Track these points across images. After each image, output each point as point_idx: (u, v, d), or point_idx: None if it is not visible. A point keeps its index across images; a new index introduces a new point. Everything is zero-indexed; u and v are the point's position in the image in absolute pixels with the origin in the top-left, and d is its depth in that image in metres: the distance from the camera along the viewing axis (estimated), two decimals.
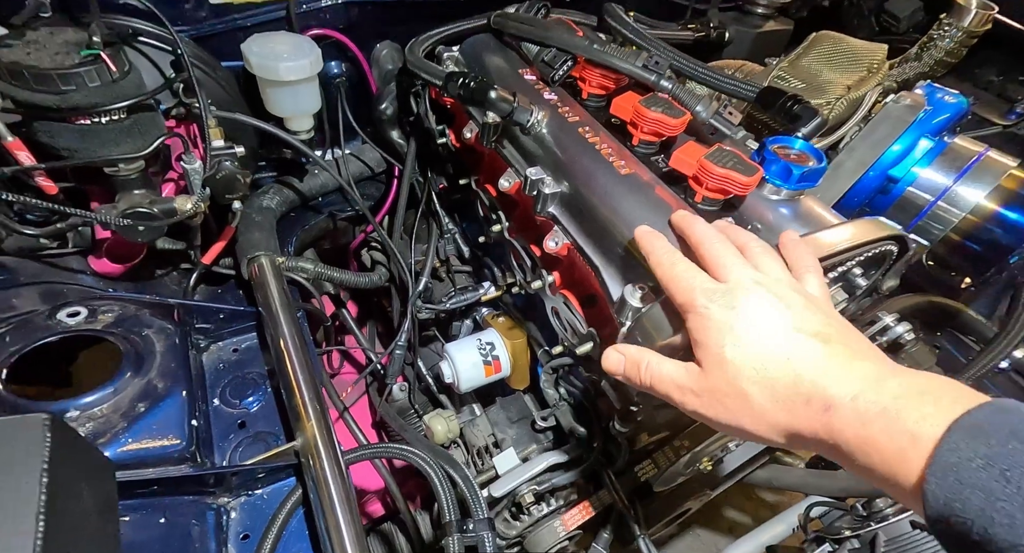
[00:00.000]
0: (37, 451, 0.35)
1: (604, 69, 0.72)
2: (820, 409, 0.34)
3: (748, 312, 0.38)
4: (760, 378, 0.36)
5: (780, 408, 0.35)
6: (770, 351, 0.36)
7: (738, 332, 0.38)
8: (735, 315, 0.38)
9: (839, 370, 0.35)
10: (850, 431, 0.32)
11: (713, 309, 0.39)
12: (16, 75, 0.50)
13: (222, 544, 0.56)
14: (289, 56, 0.72)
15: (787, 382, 0.35)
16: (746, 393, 0.36)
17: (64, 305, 0.56)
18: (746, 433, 0.38)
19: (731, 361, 0.37)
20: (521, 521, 0.69)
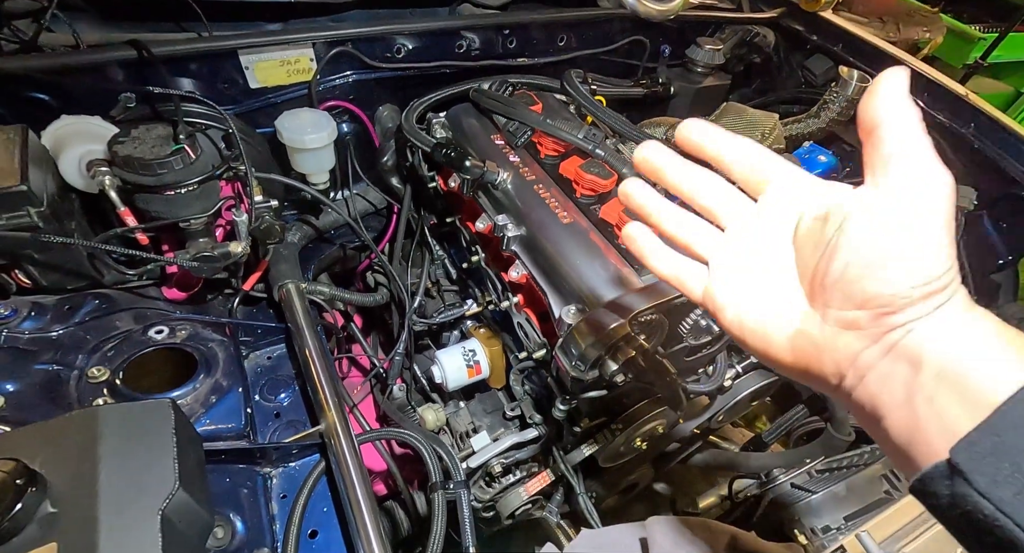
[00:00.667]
0: (168, 422, 0.55)
1: (554, 137, 0.93)
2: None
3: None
4: None
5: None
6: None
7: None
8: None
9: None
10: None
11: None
12: (128, 164, 0.71)
13: (268, 500, 0.76)
14: (313, 130, 0.93)
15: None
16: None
17: (152, 325, 0.76)
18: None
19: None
20: (493, 488, 0.89)
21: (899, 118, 0.33)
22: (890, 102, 0.34)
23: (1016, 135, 1.08)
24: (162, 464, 0.51)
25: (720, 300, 0.40)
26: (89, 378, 0.66)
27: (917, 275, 0.32)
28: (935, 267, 0.32)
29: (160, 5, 0.98)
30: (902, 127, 0.33)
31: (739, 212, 0.41)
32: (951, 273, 0.32)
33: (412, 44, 1.09)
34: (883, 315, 0.33)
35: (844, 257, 0.34)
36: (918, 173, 0.33)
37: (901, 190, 0.33)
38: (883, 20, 2.48)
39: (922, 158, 0.33)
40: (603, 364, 0.69)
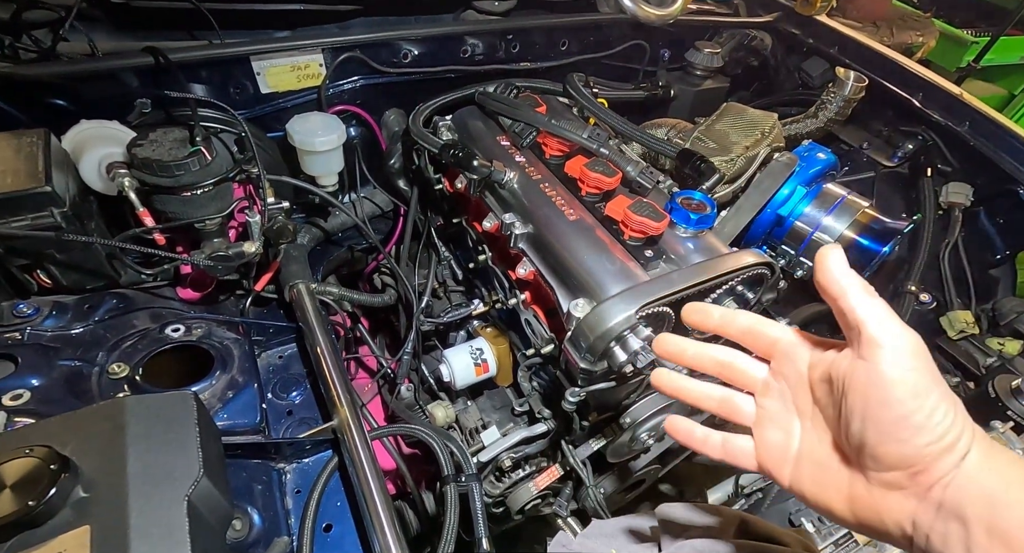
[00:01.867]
0: (191, 413, 0.57)
1: (559, 137, 0.95)
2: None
3: None
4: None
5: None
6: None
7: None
8: None
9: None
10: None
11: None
12: (146, 165, 0.73)
13: (283, 495, 0.77)
14: (322, 133, 0.95)
15: None
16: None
17: (168, 323, 0.78)
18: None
19: None
20: (503, 483, 0.90)
21: (853, 291, 0.37)
22: (839, 277, 0.38)
23: (1010, 132, 1.10)
24: (187, 452, 0.53)
25: (773, 467, 0.43)
26: (110, 374, 0.67)
27: (925, 435, 0.34)
28: (938, 424, 0.34)
29: (173, 14, 1.00)
30: (858, 299, 0.37)
31: (762, 377, 0.45)
32: (958, 423, 0.34)
33: (418, 49, 1.12)
34: (917, 474, 0.35)
35: (857, 424, 0.37)
36: (887, 341, 0.35)
37: (879, 361, 0.35)
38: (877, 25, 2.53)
39: (886, 327, 0.36)
40: (611, 355, 0.71)
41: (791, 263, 1.01)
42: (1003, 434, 0.78)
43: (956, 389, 1.05)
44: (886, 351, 0.35)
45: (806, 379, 0.42)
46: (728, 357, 0.47)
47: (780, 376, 0.44)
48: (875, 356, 0.36)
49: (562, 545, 0.69)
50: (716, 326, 0.46)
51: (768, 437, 0.44)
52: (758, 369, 0.45)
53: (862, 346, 0.36)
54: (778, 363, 0.44)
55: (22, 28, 0.88)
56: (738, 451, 0.45)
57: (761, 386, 0.45)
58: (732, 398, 0.47)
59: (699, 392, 0.48)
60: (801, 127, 1.19)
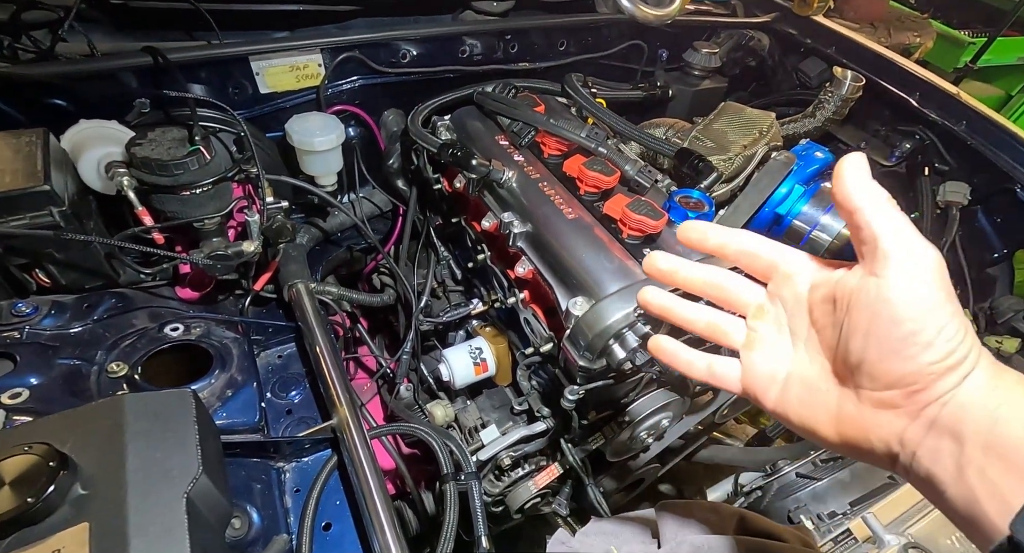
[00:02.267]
0: (189, 410, 0.56)
1: (557, 137, 0.96)
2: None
3: None
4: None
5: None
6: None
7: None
8: None
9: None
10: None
11: None
12: (145, 165, 0.73)
13: (282, 494, 0.77)
14: (321, 132, 0.95)
15: None
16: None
17: (167, 322, 0.78)
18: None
19: None
20: (503, 481, 0.90)
21: (871, 203, 0.35)
22: (858, 188, 0.35)
23: (1007, 131, 1.11)
24: (185, 450, 0.53)
25: (759, 390, 0.42)
26: (109, 373, 0.67)
27: (932, 353, 0.33)
28: (946, 342, 0.33)
29: (171, 14, 1.00)
30: (876, 211, 0.35)
31: (755, 300, 0.44)
32: (966, 342, 0.33)
33: (416, 50, 1.12)
34: (914, 392, 0.34)
35: (859, 341, 0.35)
36: (903, 256, 0.34)
37: (892, 276, 0.34)
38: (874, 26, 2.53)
39: (903, 240, 0.34)
40: (610, 353, 0.71)
41: None
42: None
43: None
44: (901, 265, 0.34)
45: (805, 300, 0.40)
46: (721, 278, 0.45)
47: (776, 298, 0.42)
48: (889, 270, 0.34)
49: (561, 543, 0.69)
50: (713, 247, 0.45)
51: (756, 360, 0.43)
52: (753, 292, 0.44)
53: (876, 261, 0.35)
54: (776, 285, 0.42)
55: (21, 29, 0.88)
56: (723, 374, 0.44)
57: (754, 309, 0.44)
58: (720, 321, 0.45)
59: (687, 313, 0.47)
60: (799, 126, 1.19)
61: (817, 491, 0.82)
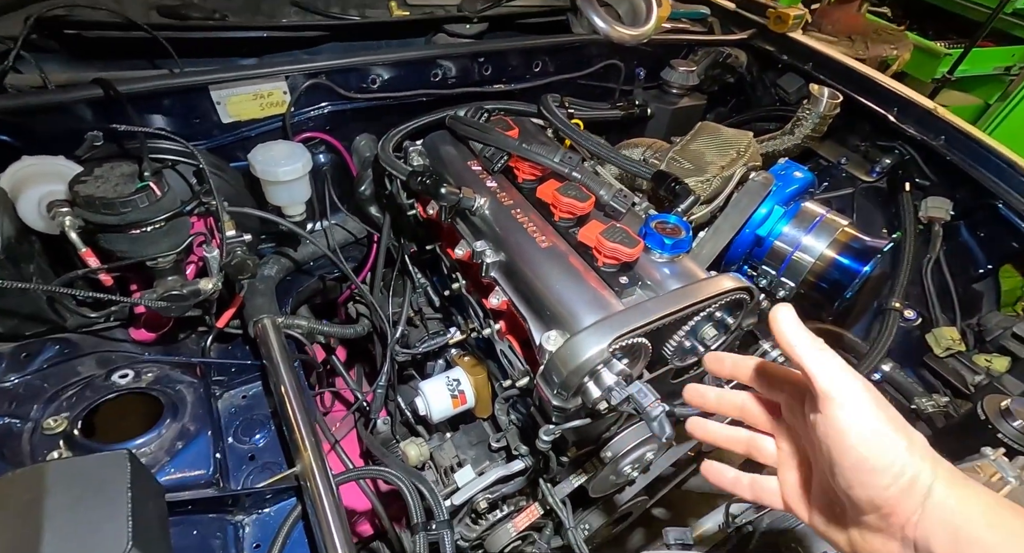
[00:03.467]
0: (123, 475, 0.52)
1: (530, 161, 0.93)
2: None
3: None
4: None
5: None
6: None
7: None
8: None
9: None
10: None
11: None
12: (90, 203, 0.69)
13: (240, 551, 0.71)
14: (285, 161, 0.92)
15: None
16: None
17: (115, 369, 0.73)
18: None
19: None
20: (480, 525, 0.85)
21: (802, 349, 0.40)
22: (791, 337, 0.40)
23: (985, 146, 1.10)
24: (114, 522, 0.48)
25: (794, 505, 0.46)
26: (44, 429, 0.62)
27: (882, 477, 0.36)
28: (892, 464, 0.36)
29: (131, 44, 0.97)
30: (807, 356, 0.39)
31: (775, 421, 0.48)
32: (914, 461, 0.36)
33: (388, 74, 1.09)
34: (886, 516, 0.38)
35: (830, 471, 0.39)
36: (836, 393, 0.38)
37: (830, 412, 0.38)
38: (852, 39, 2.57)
39: (834, 379, 0.38)
40: (585, 391, 0.67)
41: (772, 284, 0.98)
42: (995, 461, 0.75)
43: (946, 409, 1.03)
44: (835, 403, 0.38)
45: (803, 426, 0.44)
46: (743, 401, 0.51)
47: (789, 419, 0.46)
48: (827, 408, 0.38)
49: None
50: (729, 372, 0.50)
51: (787, 477, 0.46)
52: (772, 411, 0.49)
53: (817, 399, 0.39)
54: (785, 407, 0.46)
55: None
56: (765, 491, 0.48)
57: (776, 428, 0.48)
58: (755, 440, 0.50)
59: (727, 436, 0.52)
60: (778, 144, 1.18)
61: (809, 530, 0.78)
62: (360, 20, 1.11)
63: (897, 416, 0.38)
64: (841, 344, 1.14)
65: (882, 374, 1.07)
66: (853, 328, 1.15)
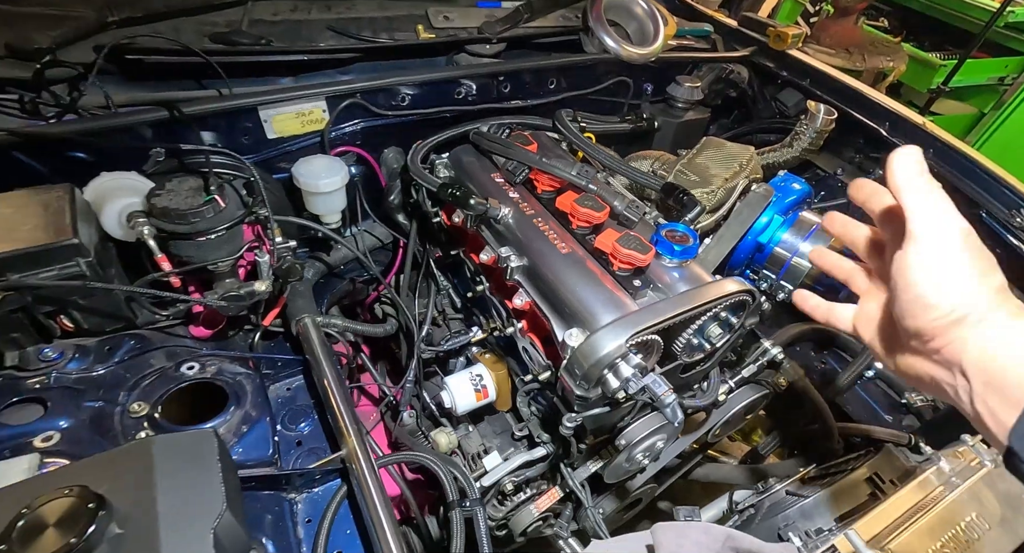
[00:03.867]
0: (213, 449, 0.60)
1: (550, 174, 1.02)
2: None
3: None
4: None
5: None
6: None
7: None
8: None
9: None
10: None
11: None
12: (165, 214, 0.78)
13: (294, 525, 0.80)
14: (326, 174, 1.01)
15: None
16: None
17: (183, 361, 0.82)
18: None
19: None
20: (505, 506, 0.93)
21: (909, 188, 0.43)
22: (895, 179, 0.43)
23: (970, 159, 1.18)
24: (211, 487, 0.57)
25: (862, 328, 0.53)
26: (131, 413, 0.71)
27: (933, 312, 0.42)
28: (947, 304, 0.41)
29: (183, 66, 1.06)
30: (911, 195, 0.42)
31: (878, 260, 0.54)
32: (971, 302, 0.41)
33: (415, 92, 1.18)
34: (927, 341, 0.43)
35: (892, 302, 0.45)
36: (923, 234, 0.42)
37: (910, 251, 0.42)
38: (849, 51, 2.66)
39: (927, 220, 0.42)
40: (605, 382, 0.75)
41: (773, 287, 1.06)
42: (973, 447, 0.83)
43: (933, 402, 1.10)
44: (915, 243, 0.42)
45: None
46: (863, 234, 0.56)
47: (887, 255, 0.49)
48: (907, 246, 0.43)
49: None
50: (863, 199, 0.52)
51: (865, 306, 0.54)
52: (878, 249, 0.54)
53: (905, 238, 0.43)
54: (889, 244, 0.50)
55: (42, 85, 0.94)
56: (838, 317, 0.57)
57: (876, 262, 0.54)
58: (855, 272, 0.57)
59: (835, 263, 0.60)
60: (778, 156, 1.26)
61: (805, 508, 0.86)
62: (390, 43, 1.20)
63: (980, 259, 0.41)
64: (836, 343, 1.22)
65: (875, 371, 1.15)
66: None
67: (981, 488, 0.77)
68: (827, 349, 1.25)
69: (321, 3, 1.23)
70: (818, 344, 1.26)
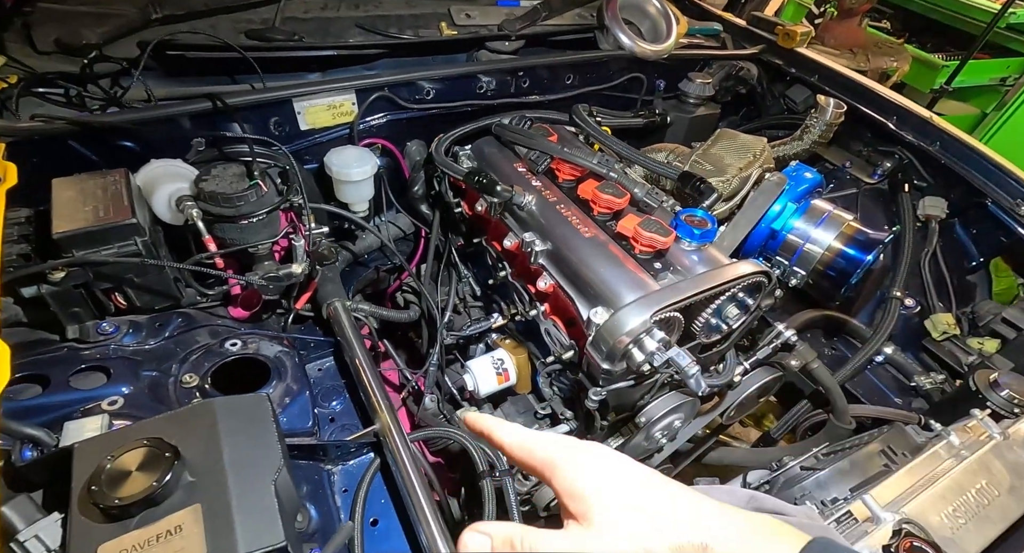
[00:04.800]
0: (268, 411, 0.64)
1: (571, 163, 1.06)
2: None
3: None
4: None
5: None
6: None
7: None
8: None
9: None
10: None
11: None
12: (212, 198, 0.82)
13: (332, 494, 0.84)
14: (357, 164, 1.05)
15: None
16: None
17: (226, 338, 0.86)
18: None
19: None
20: (529, 481, 0.97)
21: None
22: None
23: (976, 150, 1.22)
24: (269, 445, 0.61)
25: None
26: (183, 383, 0.75)
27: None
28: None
29: (218, 60, 1.11)
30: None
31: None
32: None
33: (438, 87, 1.23)
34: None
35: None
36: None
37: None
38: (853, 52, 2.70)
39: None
40: (629, 356, 0.79)
41: (785, 272, 1.10)
42: (982, 421, 0.87)
43: (942, 386, 1.14)
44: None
45: None
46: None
47: None
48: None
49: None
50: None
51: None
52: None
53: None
54: None
55: (88, 79, 0.99)
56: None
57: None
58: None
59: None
60: (789, 149, 1.30)
61: (820, 480, 0.89)
62: (415, 39, 1.25)
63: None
64: (846, 329, 1.25)
65: (884, 356, 1.19)
66: (858, 315, 1.27)
67: (991, 459, 0.80)
68: (836, 335, 1.28)
69: (349, 1, 1.28)
70: (828, 331, 1.30)
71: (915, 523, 0.70)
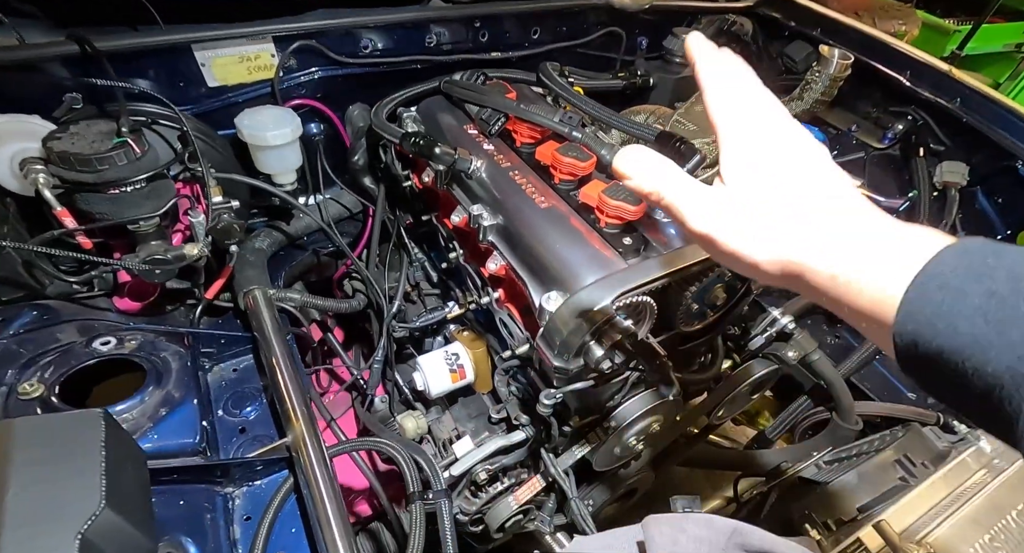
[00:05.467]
0: (96, 434, 0.49)
1: (529, 122, 0.89)
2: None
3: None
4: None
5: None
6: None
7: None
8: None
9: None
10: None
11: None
12: (64, 160, 0.65)
13: (229, 524, 0.69)
14: (274, 126, 0.88)
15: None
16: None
17: (97, 336, 0.70)
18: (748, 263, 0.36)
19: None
20: (480, 498, 0.82)
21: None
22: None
23: (1004, 106, 1.05)
24: (86, 481, 0.45)
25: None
26: (20, 394, 0.59)
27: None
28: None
29: (112, 6, 0.94)
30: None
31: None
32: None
33: (380, 39, 1.06)
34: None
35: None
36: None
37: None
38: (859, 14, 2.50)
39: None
40: (587, 351, 0.64)
41: None
42: None
43: None
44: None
45: None
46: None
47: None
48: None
49: None
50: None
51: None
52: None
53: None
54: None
55: None
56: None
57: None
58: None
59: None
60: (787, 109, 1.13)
61: (822, 496, 0.74)
62: None
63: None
64: None
65: None
66: None
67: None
68: (840, 322, 1.13)
69: None
70: (830, 317, 1.14)
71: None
